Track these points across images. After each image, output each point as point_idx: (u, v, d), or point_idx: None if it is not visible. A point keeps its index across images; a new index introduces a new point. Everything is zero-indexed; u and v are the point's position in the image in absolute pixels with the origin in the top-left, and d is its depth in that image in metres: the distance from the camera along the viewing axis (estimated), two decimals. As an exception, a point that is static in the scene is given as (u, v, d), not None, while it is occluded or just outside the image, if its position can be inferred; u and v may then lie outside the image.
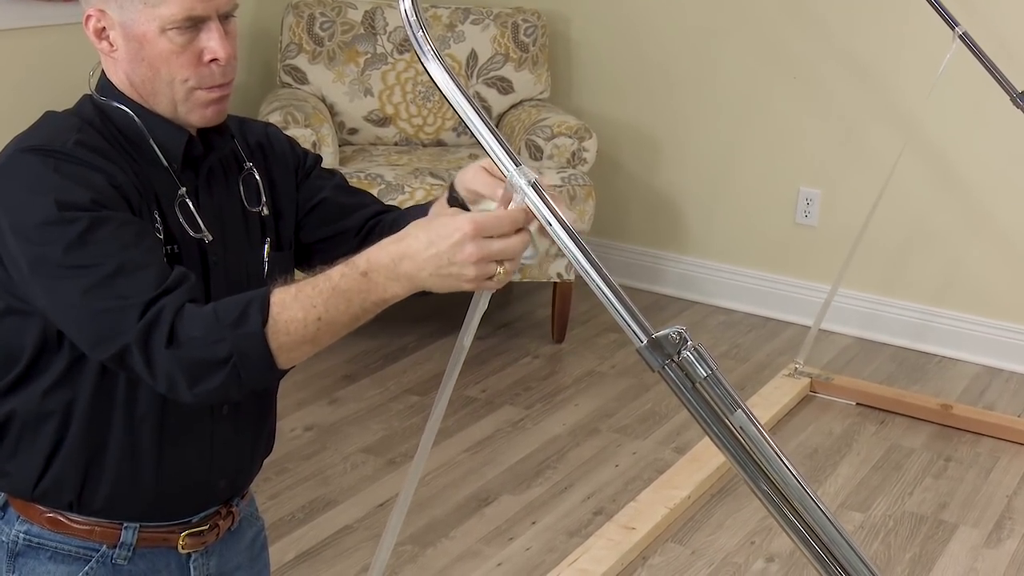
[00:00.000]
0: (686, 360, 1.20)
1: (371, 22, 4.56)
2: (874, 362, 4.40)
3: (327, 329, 1.40)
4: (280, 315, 1.39)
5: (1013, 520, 3.42)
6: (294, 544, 3.10)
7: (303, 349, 1.41)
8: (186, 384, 1.41)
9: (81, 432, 1.58)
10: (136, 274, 1.43)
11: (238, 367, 1.39)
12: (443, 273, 1.32)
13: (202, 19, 1.53)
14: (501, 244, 1.31)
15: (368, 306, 1.39)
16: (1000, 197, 4.29)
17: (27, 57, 3.88)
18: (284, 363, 1.41)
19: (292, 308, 1.39)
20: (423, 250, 1.33)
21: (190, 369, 1.40)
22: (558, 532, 3.24)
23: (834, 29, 4.43)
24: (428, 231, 1.34)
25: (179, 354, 1.39)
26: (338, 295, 1.38)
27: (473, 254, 1.30)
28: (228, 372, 1.39)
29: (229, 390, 1.42)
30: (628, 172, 4.89)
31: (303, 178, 1.77)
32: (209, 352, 1.39)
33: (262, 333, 1.39)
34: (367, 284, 1.37)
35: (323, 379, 3.99)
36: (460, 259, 1.31)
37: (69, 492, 1.61)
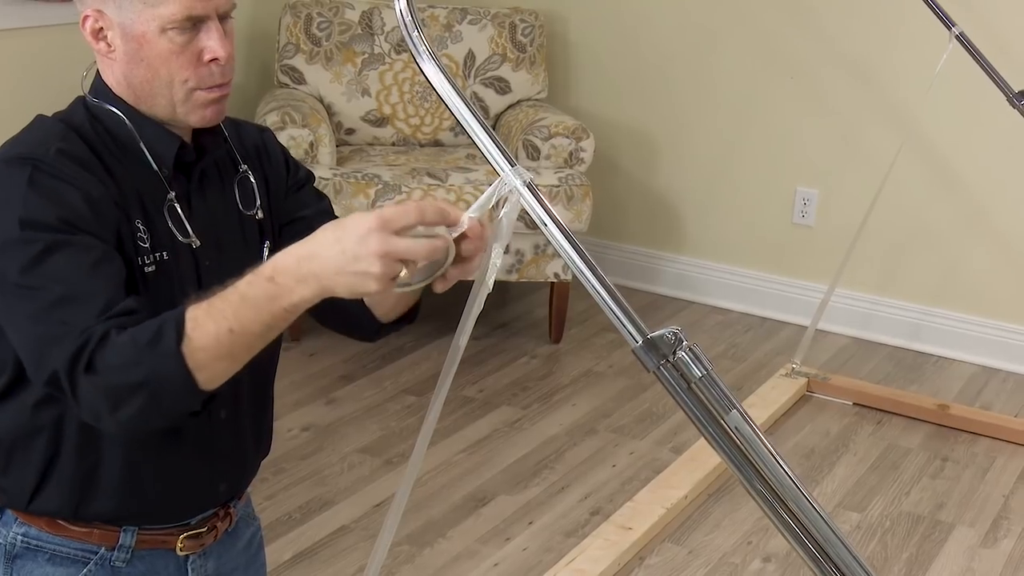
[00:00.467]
0: (681, 361, 1.20)
1: (368, 22, 4.56)
2: (871, 362, 4.40)
3: (240, 341, 1.36)
4: (194, 331, 1.35)
5: (1010, 520, 3.42)
6: (291, 544, 3.10)
7: (220, 365, 1.37)
8: (107, 410, 1.39)
9: (74, 446, 1.57)
10: (82, 302, 1.41)
11: (156, 391, 1.36)
12: (348, 271, 1.29)
13: (202, 19, 1.53)
14: (407, 244, 1.28)
15: (278, 312, 1.35)
16: (997, 197, 4.29)
17: (23, 58, 3.87)
18: (204, 381, 1.37)
19: (205, 324, 1.35)
20: (328, 247, 1.30)
21: (108, 395, 1.38)
22: (555, 532, 3.24)
23: (831, 29, 4.44)
24: (336, 229, 1.31)
25: (97, 381, 1.37)
26: (247, 304, 1.35)
27: (378, 248, 1.27)
28: (147, 396, 1.37)
29: (150, 415, 1.39)
30: (625, 172, 4.89)
31: (292, 189, 1.76)
32: (126, 376, 1.37)
33: (177, 352, 1.35)
34: (274, 289, 1.34)
35: (320, 379, 3.99)
36: (365, 253, 1.27)
37: (67, 505, 1.60)
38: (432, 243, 1.29)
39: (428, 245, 1.29)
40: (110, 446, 1.58)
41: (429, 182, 4.08)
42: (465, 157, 4.40)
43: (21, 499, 1.61)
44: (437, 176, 4.12)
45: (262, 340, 1.38)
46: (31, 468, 1.59)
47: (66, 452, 1.58)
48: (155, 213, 1.57)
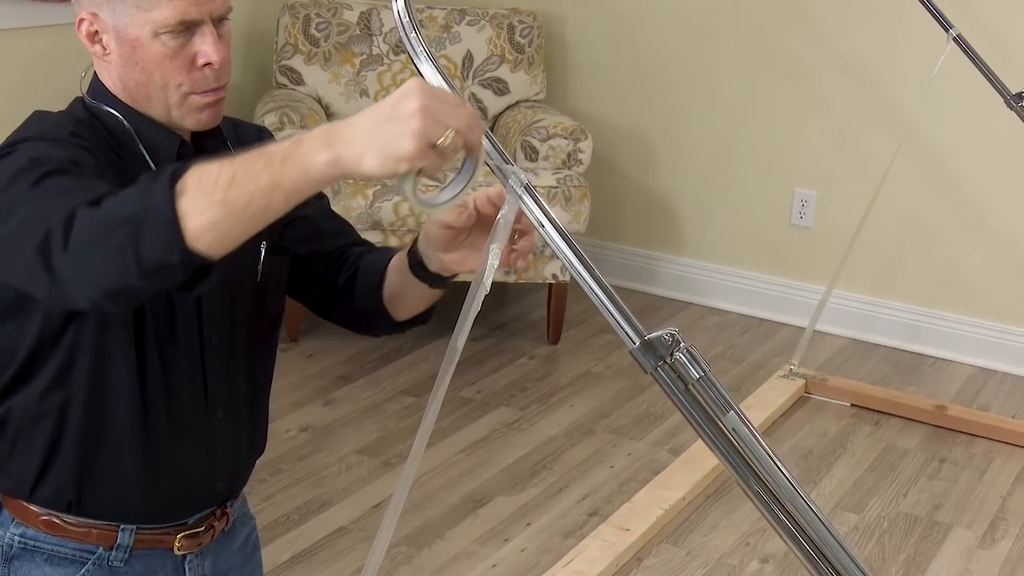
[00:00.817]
0: (679, 362, 1.20)
1: (367, 23, 4.56)
2: (869, 363, 4.40)
3: (240, 190, 1.23)
4: (193, 172, 1.26)
5: (1007, 521, 3.43)
6: (289, 545, 3.10)
7: (211, 214, 1.24)
8: (90, 242, 1.28)
9: (77, 434, 1.58)
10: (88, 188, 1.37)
11: (138, 224, 1.26)
12: (384, 130, 1.19)
13: (196, 23, 1.53)
14: (449, 108, 1.20)
15: (288, 171, 1.22)
16: (994, 198, 4.30)
17: (22, 58, 3.87)
18: (192, 230, 1.24)
19: (208, 168, 1.26)
20: (367, 112, 1.21)
21: (98, 226, 1.28)
22: (553, 533, 3.25)
23: (829, 31, 4.44)
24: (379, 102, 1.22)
25: (93, 214, 1.29)
26: (261, 155, 1.24)
27: (418, 105, 1.18)
28: (128, 229, 1.26)
29: (127, 254, 1.26)
30: (624, 173, 4.90)
31: None
32: (120, 210, 1.28)
33: (168, 186, 1.25)
34: (294, 148, 1.23)
35: (318, 380, 3.99)
36: (405, 109, 1.18)
37: (68, 493, 1.60)
38: (472, 113, 1.21)
39: (469, 116, 1.21)
40: (111, 435, 1.58)
41: (427, 182, 4.07)
42: (463, 158, 4.40)
43: (24, 486, 1.61)
44: (435, 177, 4.11)
45: (263, 202, 1.24)
46: (36, 453, 1.59)
47: (69, 440, 1.58)
48: None
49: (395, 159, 1.18)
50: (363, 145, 1.19)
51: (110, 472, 1.60)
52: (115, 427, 1.58)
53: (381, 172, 1.19)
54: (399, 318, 1.76)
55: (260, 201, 1.24)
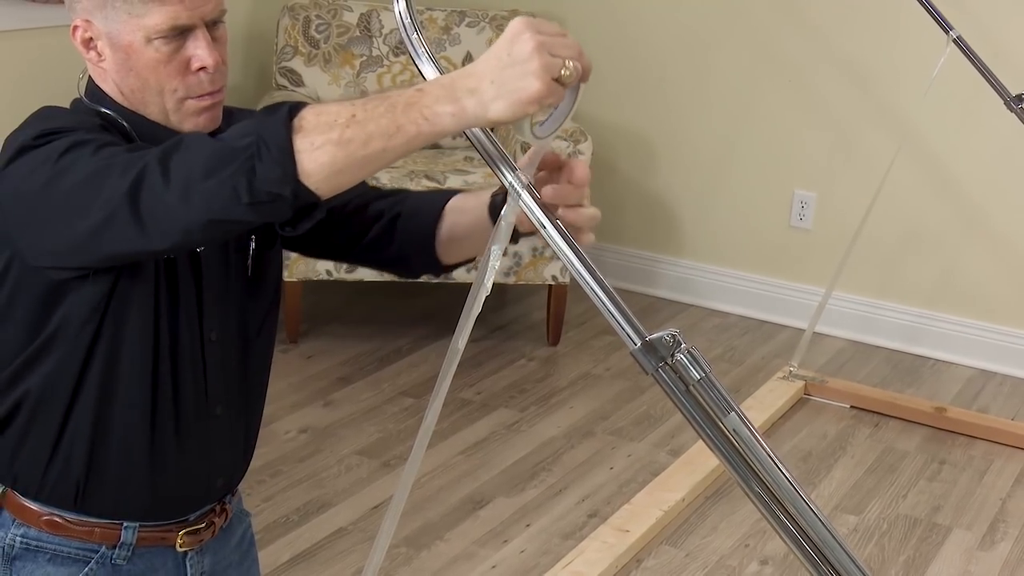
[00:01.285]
0: (679, 363, 1.20)
1: (367, 24, 4.57)
2: (868, 365, 4.40)
3: (360, 130, 1.24)
4: (312, 108, 1.28)
5: (1007, 523, 3.43)
6: (288, 546, 3.10)
7: (329, 152, 1.25)
8: (201, 173, 1.30)
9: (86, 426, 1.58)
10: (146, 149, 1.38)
11: (254, 155, 1.27)
12: (506, 75, 1.19)
13: (188, 27, 1.52)
14: (559, 39, 1.22)
15: (412, 118, 1.23)
16: (994, 200, 4.30)
17: (21, 60, 3.87)
18: (306, 165, 1.26)
19: (328, 107, 1.28)
20: (483, 61, 1.22)
21: (209, 157, 1.30)
22: (552, 534, 3.25)
23: (829, 33, 4.44)
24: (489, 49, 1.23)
25: (204, 144, 1.32)
26: (382, 99, 1.25)
27: (533, 43, 1.19)
28: (243, 159, 1.27)
29: (239, 184, 1.28)
30: (623, 175, 4.90)
31: None
32: (234, 142, 1.30)
33: (286, 119, 1.27)
34: (418, 96, 1.24)
35: (318, 381, 3.99)
36: (522, 50, 1.19)
37: (74, 487, 1.61)
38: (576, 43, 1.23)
39: (575, 43, 1.22)
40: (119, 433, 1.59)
41: (427, 184, 4.08)
42: (463, 159, 4.40)
43: (32, 480, 1.61)
44: (435, 178, 4.12)
45: (382, 143, 1.24)
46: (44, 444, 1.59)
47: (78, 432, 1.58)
48: None
49: (525, 102, 1.20)
50: (490, 93, 1.20)
51: (117, 467, 1.61)
52: (124, 421, 1.59)
53: (513, 116, 1.21)
54: (447, 261, 1.72)
55: (378, 143, 1.24)
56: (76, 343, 1.55)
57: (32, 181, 1.42)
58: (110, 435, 1.59)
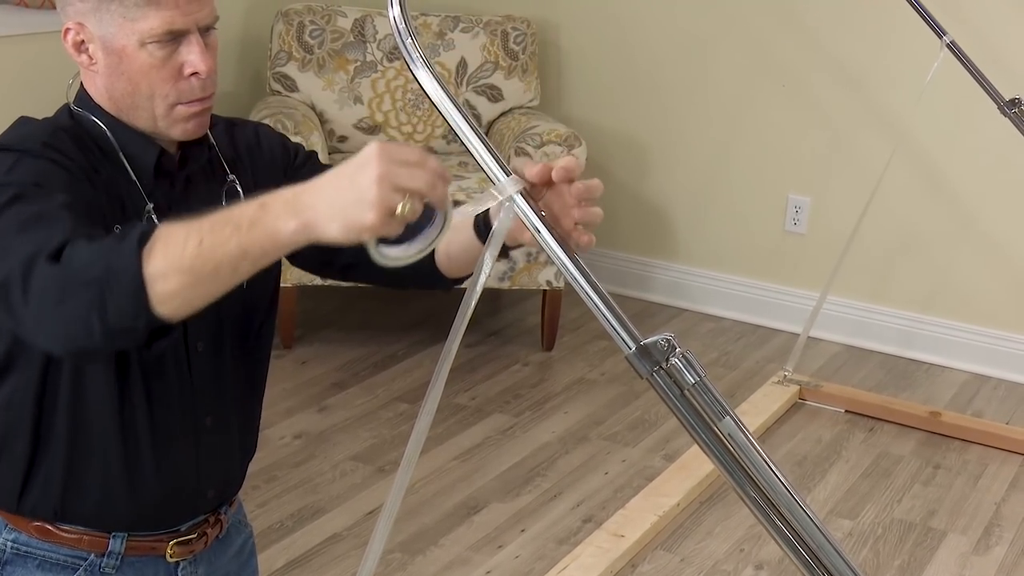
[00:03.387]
0: (674, 367, 1.20)
1: (361, 30, 4.57)
2: (863, 369, 4.40)
3: (208, 257, 1.24)
4: (160, 235, 1.27)
5: (1001, 527, 3.43)
6: (283, 552, 3.09)
7: (178, 280, 1.25)
8: (52, 304, 1.29)
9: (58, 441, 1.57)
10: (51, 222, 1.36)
11: (105, 288, 1.26)
12: (343, 199, 1.19)
13: (182, 33, 1.52)
14: (409, 171, 1.19)
15: (256, 237, 1.23)
16: (988, 204, 4.30)
17: (12, 65, 3.86)
18: (157, 296, 1.26)
19: (175, 232, 1.26)
20: (328, 179, 1.22)
21: (60, 287, 1.29)
22: (547, 540, 3.24)
23: (823, 37, 4.45)
24: (341, 165, 1.23)
25: (56, 271, 1.29)
26: (226, 221, 1.25)
27: (376, 174, 1.18)
28: (94, 292, 1.26)
29: (91, 318, 1.27)
30: (618, 180, 4.90)
31: (292, 172, 1.73)
32: (83, 271, 1.28)
33: (136, 251, 1.26)
34: (260, 212, 1.24)
35: (312, 387, 3.99)
36: (363, 178, 1.18)
37: (52, 502, 1.60)
38: (434, 169, 1.21)
39: (430, 177, 1.20)
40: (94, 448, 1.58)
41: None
42: (458, 164, 4.40)
43: (10, 497, 1.61)
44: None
45: (230, 267, 1.25)
46: (18, 462, 1.59)
47: (51, 448, 1.58)
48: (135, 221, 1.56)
49: (358, 230, 1.19)
50: (327, 213, 1.20)
51: (94, 481, 1.60)
52: (96, 436, 1.58)
53: (344, 238, 1.20)
54: (452, 276, 1.70)
55: (227, 267, 1.25)
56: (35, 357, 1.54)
57: None
58: (85, 452, 1.58)
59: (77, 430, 1.57)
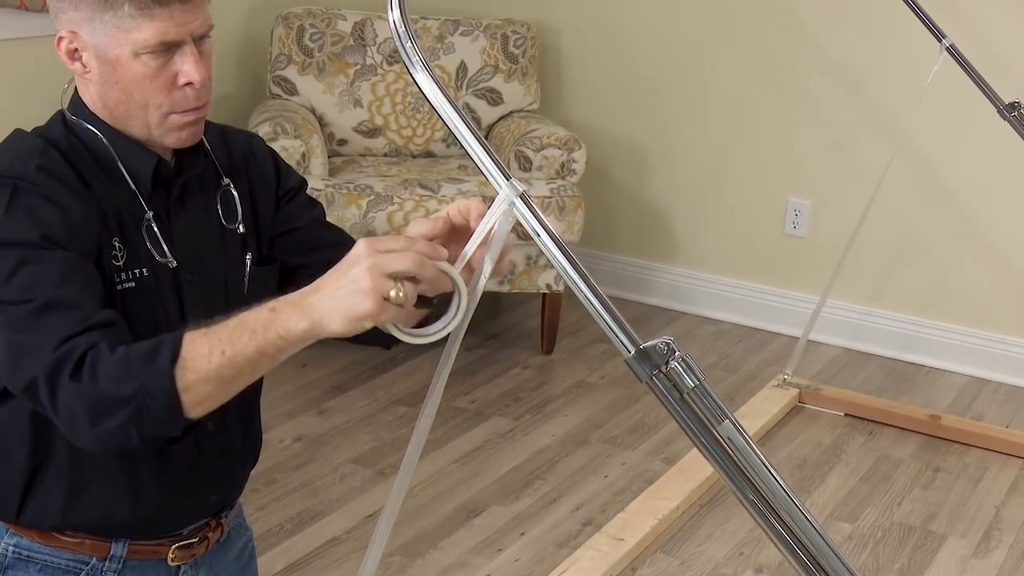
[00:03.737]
0: (674, 371, 1.20)
1: (361, 33, 4.57)
2: (862, 373, 4.40)
3: (231, 365, 1.34)
4: (188, 351, 1.35)
5: (1001, 531, 3.43)
6: (283, 555, 3.09)
7: (207, 389, 1.35)
8: (87, 421, 1.36)
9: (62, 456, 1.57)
10: (61, 312, 1.40)
11: (142, 406, 1.34)
12: (340, 293, 1.27)
13: (176, 43, 1.52)
14: (395, 256, 1.26)
15: (272, 338, 1.32)
16: (988, 208, 4.30)
17: (8, 69, 3.86)
18: (189, 404, 1.36)
19: (199, 344, 1.35)
20: (326, 279, 1.30)
21: (92, 406, 1.36)
22: (547, 543, 3.24)
23: (822, 41, 4.45)
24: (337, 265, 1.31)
25: (83, 388, 1.35)
26: (243, 328, 1.34)
27: (366, 264, 1.26)
28: (131, 411, 1.35)
29: (129, 433, 1.36)
30: (617, 183, 4.90)
31: (285, 199, 1.75)
32: (114, 389, 1.35)
33: (169, 370, 1.34)
34: (271, 316, 1.33)
35: (312, 390, 3.98)
36: (355, 272, 1.26)
37: (55, 516, 1.60)
38: (420, 249, 1.28)
39: (415, 257, 1.27)
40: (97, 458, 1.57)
41: (421, 193, 4.08)
42: (457, 168, 4.41)
43: (10, 510, 1.61)
44: (429, 187, 4.12)
45: (251, 368, 1.36)
46: (17, 478, 1.59)
47: (54, 462, 1.58)
48: (134, 231, 1.56)
49: (358, 319, 1.27)
50: (328, 310, 1.29)
51: (96, 490, 1.60)
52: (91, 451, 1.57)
53: (349, 331, 1.29)
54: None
55: (248, 369, 1.36)
56: None
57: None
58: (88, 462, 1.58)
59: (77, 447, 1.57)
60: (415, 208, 4.01)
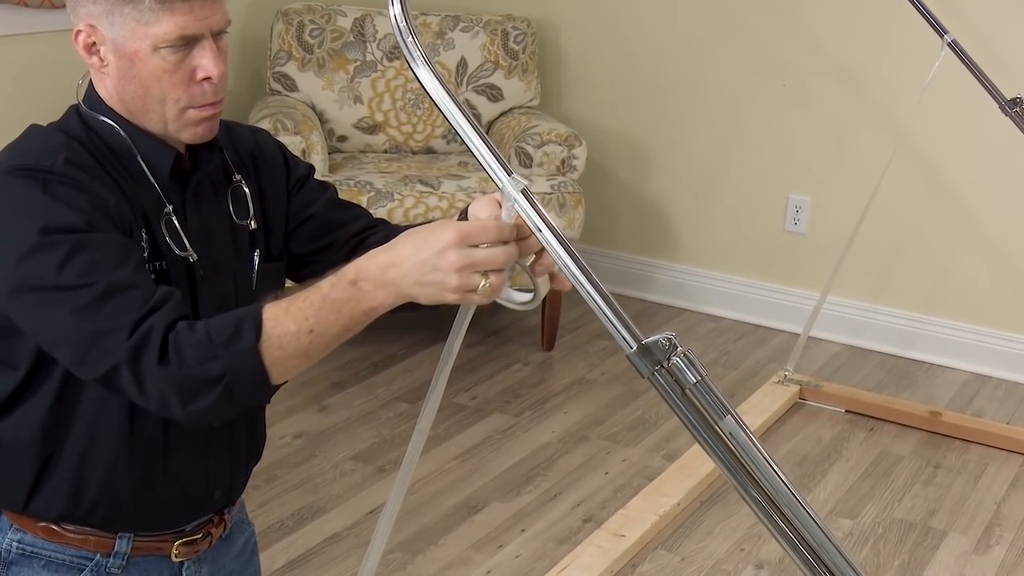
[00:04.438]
0: (675, 366, 1.20)
1: (360, 29, 4.56)
2: (863, 369, 4.40)
3: (319, 341, 1.39)
4: (273, 330, 1.38)
5: (1002, 527, 3.43)
6: (283, 552, 3.09)
7: (295, 363, 1.41)
8: (179, 403, 1.39)
9: (71, 452, 1.57)
10: (125, 294, 1.41)
11: (231, 385, 1.38)
12: (426, 281, 1.32)
13: (195, 37, 1.52)
14: (485, 253, 1.30)
15: (357, 315, 1.38)
16: (989, 204, 4.30)
17: (18, 65, 3.87)
18: (277, 378, 1.41)
19: (284, 322, 1.38)
20: (409, 257, 1.33)
21: (183, 388, 1.38)
22: (547, 539, 3.24)
23: (823, 37, 4.44)
24: (416, 239, 1.33)
25: (171, 372, 1.38)
26: (328, 305, 1.38)
27: (456, 262, 1.29)
28: (221, 390, 1.38)
29: (223, 408, 1.41)
30: (618, 180, 4.90)
31: (295, 189, 1.75)
32: (202, 370, 1.38)
33: (255, 349, 1.38)
34: (356, 293, 1.37)
35: (313, 387, 3.98)
36: (443, 266, 1.30)
37: (60, 507, 1.60)
38: (508, 249, 1.31)
39: (506, 255, 1.31)
40: (105, 455, 1.58)
41: (421, 189, 4.08)
42: (457, 164, 4.40)
43: (17, 502, 1.61)
44: (429, 183, 4.12)
45: (338, 340, 1.41)
46: (29, 471, 1.59)
47: (63, 458, 1.58)
48: (154, 224, 1.57)
49: (443, 300, 1.34)
50: (414, 290, 1.34)
51: (102, 487, 1.60)
52: (107, 444, 1.57)
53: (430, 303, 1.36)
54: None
55: (335, 342, 1.42)
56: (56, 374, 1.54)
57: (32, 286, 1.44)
58: (96, 459, 1.58)
59: (92, 438, 1.57)
60: (415, 204, 4.01)
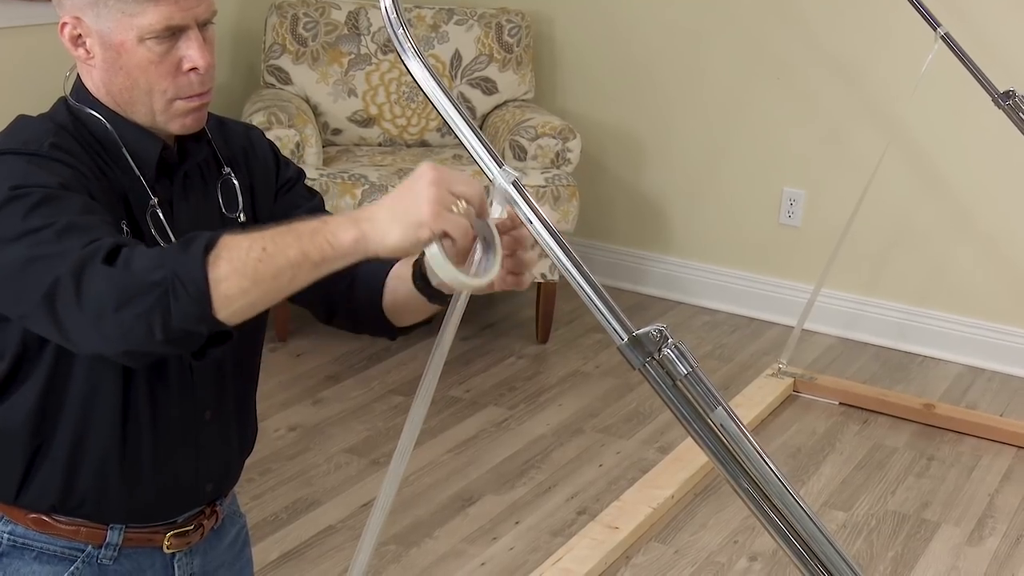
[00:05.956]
0: (667, 358, 1.20)
1: (355, 22, 4.56)
2: (857, 362, 4.41)
3: (270, 262, 1.29)
4: (224, 244, 1.31)
5: (995, 519, 3.44)
6: (277, 544, 3.09)
7: (241, 284, 1.29)
8: (112, 306, 1.30)
9: (62, 442, 1.57)
10: (87, 230, 1.37)
11: (169, 292, 1.29)
12: (401, 203, 1.27)
13: (181, 28, 1.51)
14: (461, 177, 1.28)
15: (319, 242, 1.29)
16: (982, 197, 4.31)
17: (8, 57, 3.86)
18: (220, 300, 1.30)
19: (239, 239, 1.31)
20: (386, 196, 1.31)
21: (121, 290, 1.31)
22: (542, 532, 3.25)
23: (817, 30, 4.44)
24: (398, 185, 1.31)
25: (113, 273, 1.31)
26: (289, 231, 1.31)
27: (430, 177, 1.27)
28: (158, 296, 1.29)
29: (154, 321, 1.30)
30: (612, 173, 4.90)
31: (283, 190, 1.75)
32: (146, 275, 1.30)
33: (202, 257, 1.29)
34: (321, 225, 1.31)
35: (307, 379, 3.98)
36: (419, 183, 1.26)
37: (51, 497, 1.60)
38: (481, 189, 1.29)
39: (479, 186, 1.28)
40: (96, 446, 1.58)
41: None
42: (452, 157, 4.40)
43: (7, 493, 1.61)
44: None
45: (291, 272, 1.30)
46: (19, 461, 1.59)
47: (53, 449, 1.58)
48: (139, 217, 1.56)
49: (415, 225, 1.25)
50: (386, 220, 1.27)
51: (94, 477, 1.60)
52: (98, 434, 1.57)
53: (404, 240, 1.27)
54: (399, 324, 1.72)
55: (287, 273, 1.30)
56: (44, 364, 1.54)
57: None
58: (86, 450, 1.58)
59: (82, 429, 1.57)
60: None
